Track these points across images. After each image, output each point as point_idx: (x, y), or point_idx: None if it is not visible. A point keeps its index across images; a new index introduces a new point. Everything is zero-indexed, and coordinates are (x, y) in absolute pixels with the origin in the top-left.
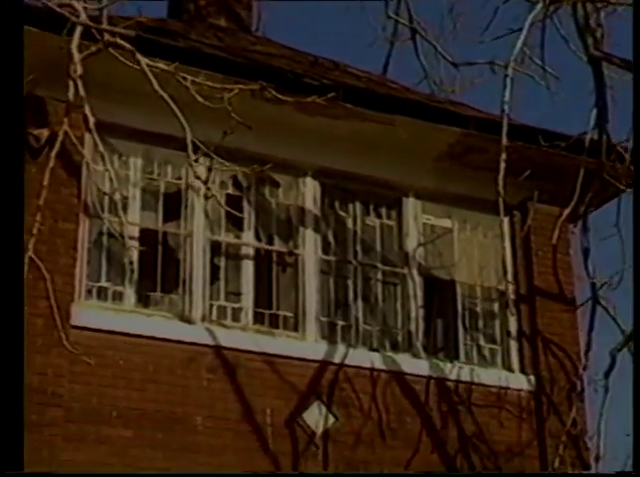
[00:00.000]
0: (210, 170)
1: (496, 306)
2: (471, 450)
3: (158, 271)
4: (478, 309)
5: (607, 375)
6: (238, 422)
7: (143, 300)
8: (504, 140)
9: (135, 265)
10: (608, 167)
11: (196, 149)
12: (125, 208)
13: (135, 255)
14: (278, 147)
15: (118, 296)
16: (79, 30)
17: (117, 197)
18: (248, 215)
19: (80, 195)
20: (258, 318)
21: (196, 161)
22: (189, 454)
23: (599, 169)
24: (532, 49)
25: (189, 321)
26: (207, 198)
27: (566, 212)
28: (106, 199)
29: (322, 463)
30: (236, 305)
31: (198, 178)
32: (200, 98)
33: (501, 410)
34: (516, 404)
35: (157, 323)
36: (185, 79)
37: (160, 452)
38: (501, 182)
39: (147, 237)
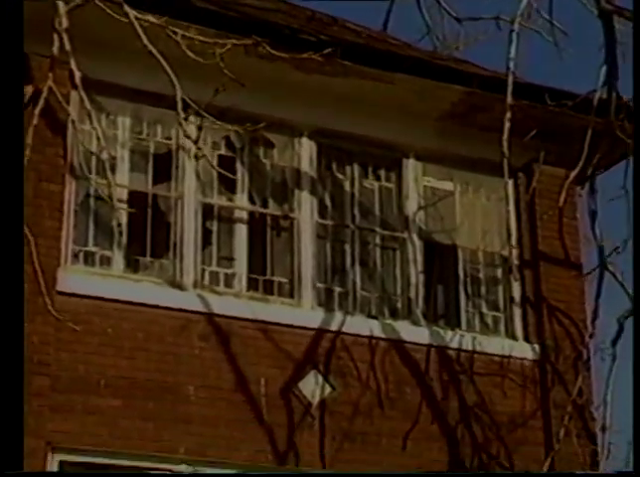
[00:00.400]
0: (200, 129)
1: (499, 272)
2: (473, 421)
3: (148, 235)
4: (481, 275)
5: (614, 343)
6: (231, 392)
7: (132, 265)
8: (509, 99)
9: (124, 228)
10: (617, 126)
11: (186, 107)
12: (113, 169)
13: (124, 218)
14: (273, 106)
15: (106, 261)
16: None
17: (105, 156)
18: (242, 176)
19: (66, 155)
20: (252, 284)
21: (186, 119)
22: (181, 425)
23: (608, 128)
24: (539, 2)
25: (180, 287)
26: (197, 158)
27: (573, 173)
28: (93, 159)
29: (318, 434)
30: (228, 271)
31: (188, 137)
32: (191, 54)
33: (504, 380)
34: (519, 374)
35: (147, 289)
36: (175, 33)
37: (151, 423)
38: (505, 143)
39: (136, 199)
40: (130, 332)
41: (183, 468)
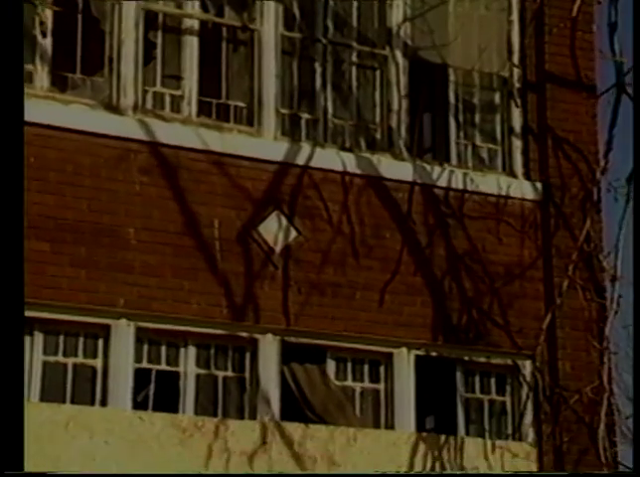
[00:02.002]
0: None
1: (497, 96)
2: (463, 272)
3: (78, 47)
4: (475, 100)
5: (630, 179)
6: (179, 236)
7: (59, 83)
8: None
9: (48, 31)
10: None
11: None
12: None
13: (49, 19)
14: None
15: (27, 77)
16: None
17: None
18: None
19: None
20: (204, 109)
21: None
22: (119, 274)
23: None
24: None
25: (117, 110)
26: None
27: None
28: None
29: (281, 285)
30: (176, 92)
31: None
32: None
33: (499, 224)
34: (518, 217)
35: (77, 112)
36: None
37: (83, 271)
38: None
39: (63, 3)
40: (57, 163)
41: (123, 323)
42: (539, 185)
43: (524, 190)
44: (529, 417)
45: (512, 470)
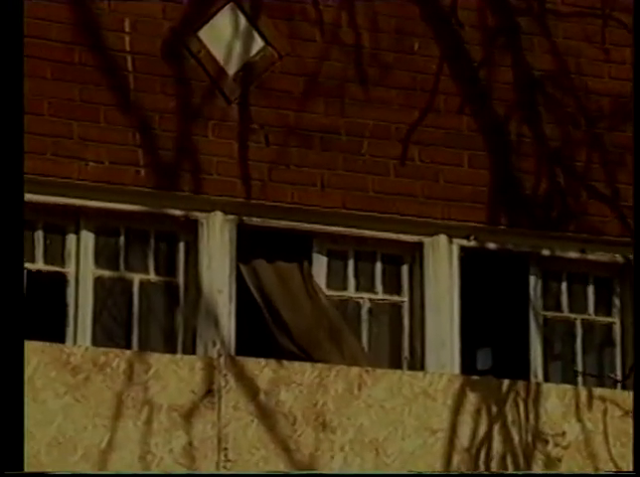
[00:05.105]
0: None
1: None
2: (541, 108)
3: None
4: None
5: None
6: (65, 47)
7: None
8: None
9: None
10: None
11: None
12: None
13: None
14: None
15: None
16: None
17: None
18: None
19: None
20: None
21: None
22: None
23: None
24: None
25: None
26: None
27: None
28: None
29: (237, 131)
30: None
31: None
32: None
33: (607, 26)
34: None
35: None
36: None
37: None
38: None
39: None
40: None
41: None
42: None
43: None
44: None
45: (620, 435)
